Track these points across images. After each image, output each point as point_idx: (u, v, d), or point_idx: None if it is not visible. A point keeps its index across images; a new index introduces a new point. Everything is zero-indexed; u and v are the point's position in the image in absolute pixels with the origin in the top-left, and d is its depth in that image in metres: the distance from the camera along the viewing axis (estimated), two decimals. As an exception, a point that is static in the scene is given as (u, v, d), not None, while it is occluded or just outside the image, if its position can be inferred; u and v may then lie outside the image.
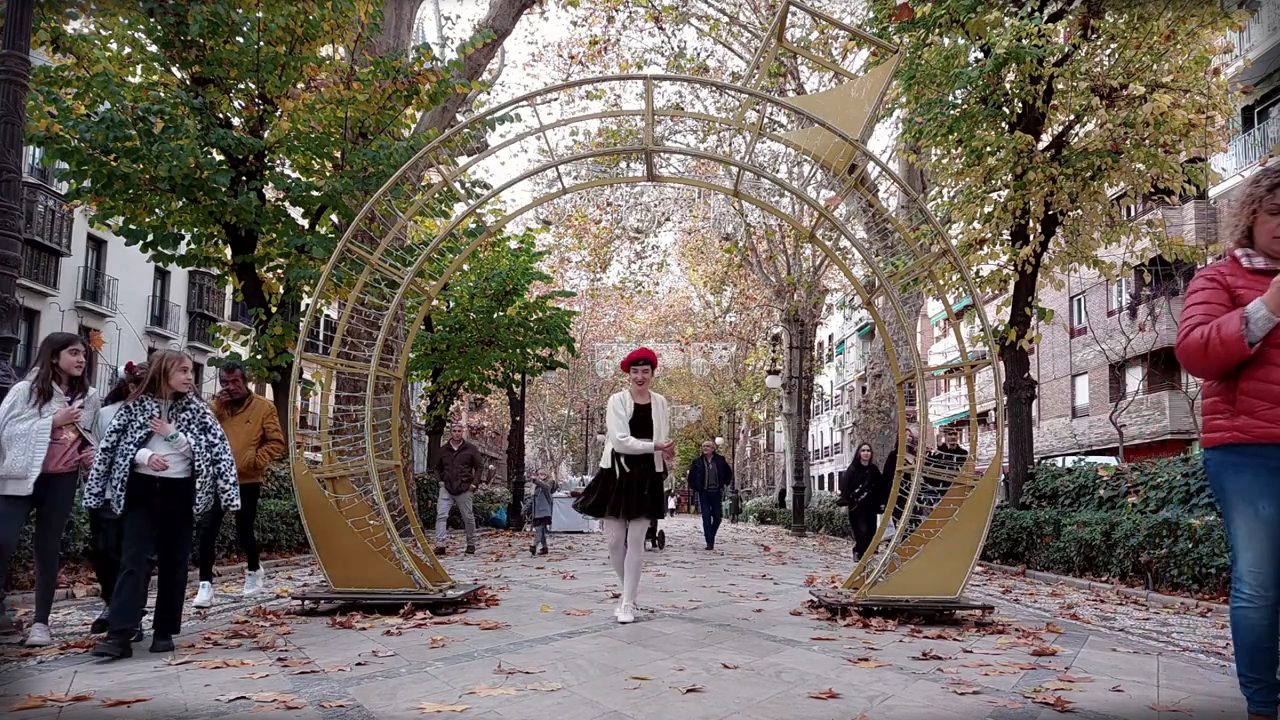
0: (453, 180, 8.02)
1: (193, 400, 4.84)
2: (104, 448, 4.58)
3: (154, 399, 4.72)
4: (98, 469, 4.56)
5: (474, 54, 14.15)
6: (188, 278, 33.15)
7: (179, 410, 4.77)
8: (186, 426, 4.74)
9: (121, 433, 4.60)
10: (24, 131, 5.82)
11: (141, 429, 4.63)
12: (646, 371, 6.02)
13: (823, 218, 7.19)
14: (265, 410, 6.92)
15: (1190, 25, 10.71)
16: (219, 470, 4.77)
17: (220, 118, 10.79)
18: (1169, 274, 22.30)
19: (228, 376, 6.89)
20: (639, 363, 6.05)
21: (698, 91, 22.86)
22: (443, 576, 6.83)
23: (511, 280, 18.73)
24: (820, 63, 11.79)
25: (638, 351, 6.16)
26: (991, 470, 6.17)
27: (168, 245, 10.78)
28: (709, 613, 6.47)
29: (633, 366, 6.06)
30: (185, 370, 4.79)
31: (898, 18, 11.52)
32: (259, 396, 6.99)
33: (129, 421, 4.63)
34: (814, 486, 41.39)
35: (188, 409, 4.79)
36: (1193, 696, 3.83)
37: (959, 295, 15.69)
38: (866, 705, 3.57)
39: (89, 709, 3.39)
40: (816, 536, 21.59)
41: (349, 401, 11.90)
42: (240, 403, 6.86)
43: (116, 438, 4.58)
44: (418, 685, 3.85)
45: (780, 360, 31.71)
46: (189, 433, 4.72)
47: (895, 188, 22.58)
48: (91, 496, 4.55)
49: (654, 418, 5.95)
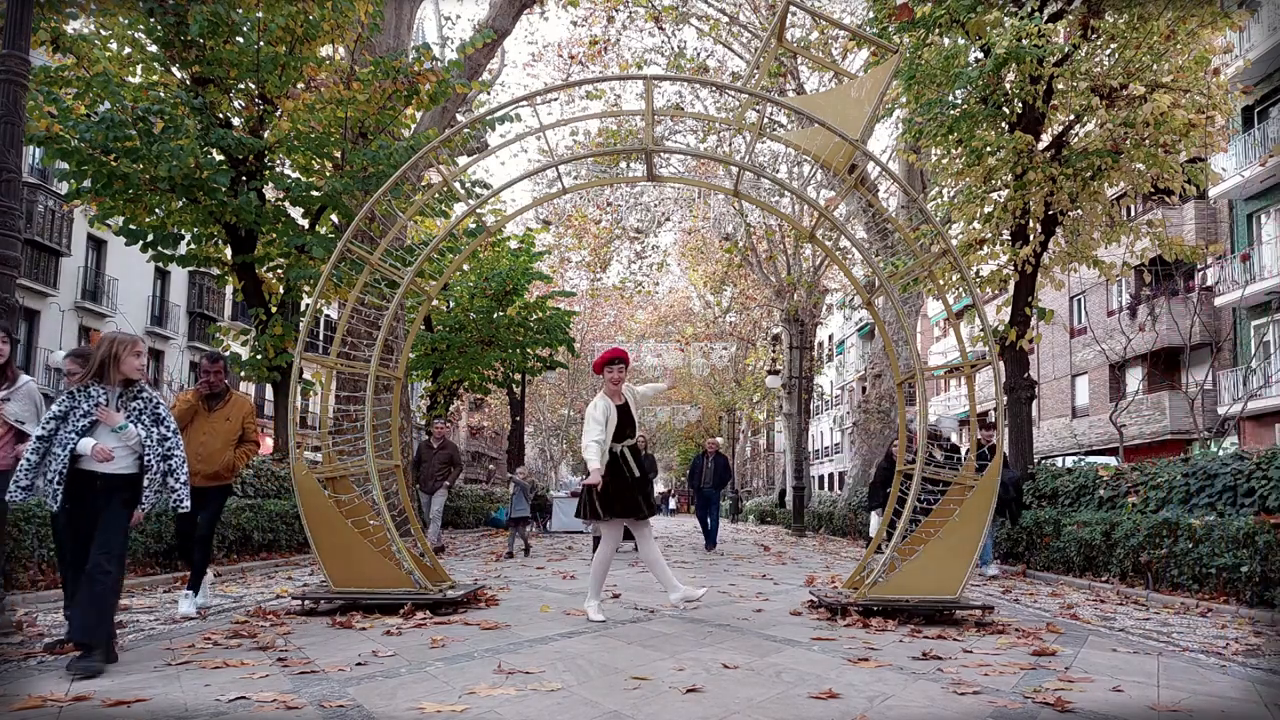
0: (453, 180, 8.02)
1: (145, 389, 4.38)
2: (39, 435, 4.14)
3: (101, 385, 4.24)
4: (29, 459, 4.11)
5: (474, 54, 14.15)
6: (188, 278, 33.17)
7: (129, 399, 4.31)
8: (137, 417, 4.27)
9: (62, 420, 4.15)
10: (24, 131, 5.82)
11: (85, 417, 4.16)
12: (622, 371, 6.04)
13: (823, 218, 7.18)
14: (246, 408, 6.43)
15: (1190, 25, 10.71)
16: (170, 468, 4.30)
17: (220, 118, 10.79)
18: (1169, 274, 22.30)
19: (209, 367, 6.30)
20: (613, 363, 6.03)
21: (698, 91, 22.86)
22: (443, 576, 6.83)
23: (511, 280, 18.74)
24: (820, 63, 11.79)
25: (610, 352, 6.13)
26: (991, 470, 6.17)
27: (168, 245, 10.78)
28: (709, 613, 6.47)
29: (607, 367, 6.04)
30: (139, 355, 4.34)
31: (898, 18, 11.52)
32: (238, 393, 6.50)
33: (71, 408, 4.17)
34: (814, 486, 41.40)
35: (139, 398, 4.33)
36: (1193, 696, 3.83)
37: (959, 295, 15.70)
38: (866, 705, 3.57)
39: (89, 709, 3.38)
40: (816, 536, 21.59)
41: (349, 401, 11.90)
42: (219, 398, 6.28)
43: (55, 425, 4.14)
44: (418, 685, 3.85)
45: (780, 360, 31.70)
46: (139, 424, 4.26)
47: (895, 188, 22.59)
48: (17, 490, 4.10)
49: (631, 411, 6.08)
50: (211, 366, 6.31)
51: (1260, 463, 7.65)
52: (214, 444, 6.09)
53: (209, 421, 6.16)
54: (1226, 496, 7.90)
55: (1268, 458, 7.60)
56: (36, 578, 6.59)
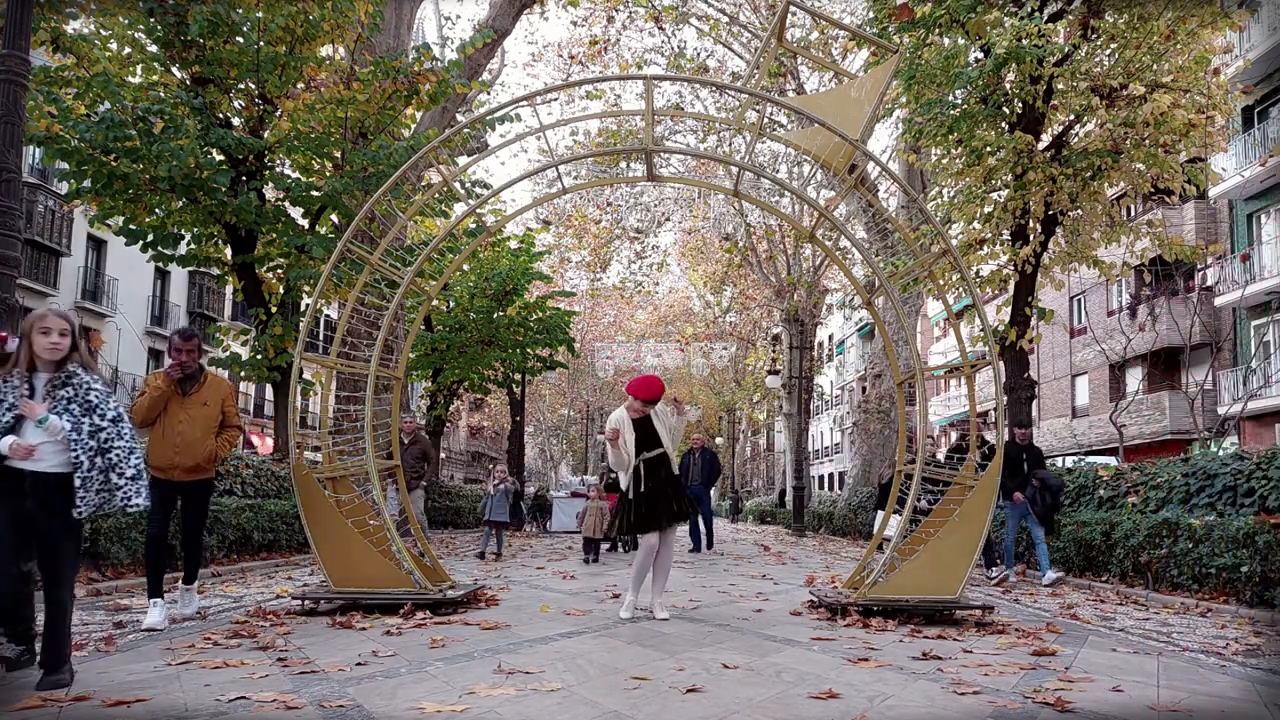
0: (453, 180, 8.02)
1: (76, 374, 3.82)
2: None
3: (23, 373, 3.76)
4: None
5: (474, 54, 14.16)
6: (188, 278, 33.17)
7: (57, 386, 3.77)
8: (65, 406, 3.73)
9: None
10: (24, 131, 5.81)
11: (9, 410, 3.68)
12: (642, 408, 6.13)
13: (823, 218, 7.18)
14: (225, 390, 5.73)
15: (1190, 25, 10.72)
16: (110, 462, 3.74)
17: (220, 118, 10.79)
18: (1169, 274, 22.31)
19: (182, 345, 5.49)
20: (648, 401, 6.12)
21: (698, 91, 22.86)
22: (443, 576, 6.83)
23: (511, 280, 18.75)
24: (820, 63, 11.80)
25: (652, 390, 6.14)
26: (992, 470, 6.18)
27: (168, 245, 10.79)
28: (709, 613, 6.47)
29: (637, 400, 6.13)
30: (46, 333, 3.73)
31: (898, 18, 11.52)
32: (214, 373, 5.83)
33: None
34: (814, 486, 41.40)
35: (68, 384, 3.78)
36: (1193, 696, 3.83)
37: (959, 295, 15.70)
38: (866, 705, 3.57)
39: (89, 709, 3.38)
40: (816, 536, 21.59)
41: (349, 401, 11.90)
42: (194, 380, 5.55)
43: None
44: (418, 685, 3.85)
45: (780, 360, 31.71)
46: (67, 415, 3.71)
47: (895, 188, 22.59)
48: None
49: (659, 429, 6.14)
50: (184, 344, 5.49)
51: (1260, 463, 7.65)
52: (193, 433, 5.43)
53: (185, 408, 5.45)
54: (1226, 496, 7.90)
55: (1268, 458, 7.60)
56: (36, 578, 6.58)
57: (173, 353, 5.50)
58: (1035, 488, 9.21)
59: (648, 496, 6.04)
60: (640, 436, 6.09)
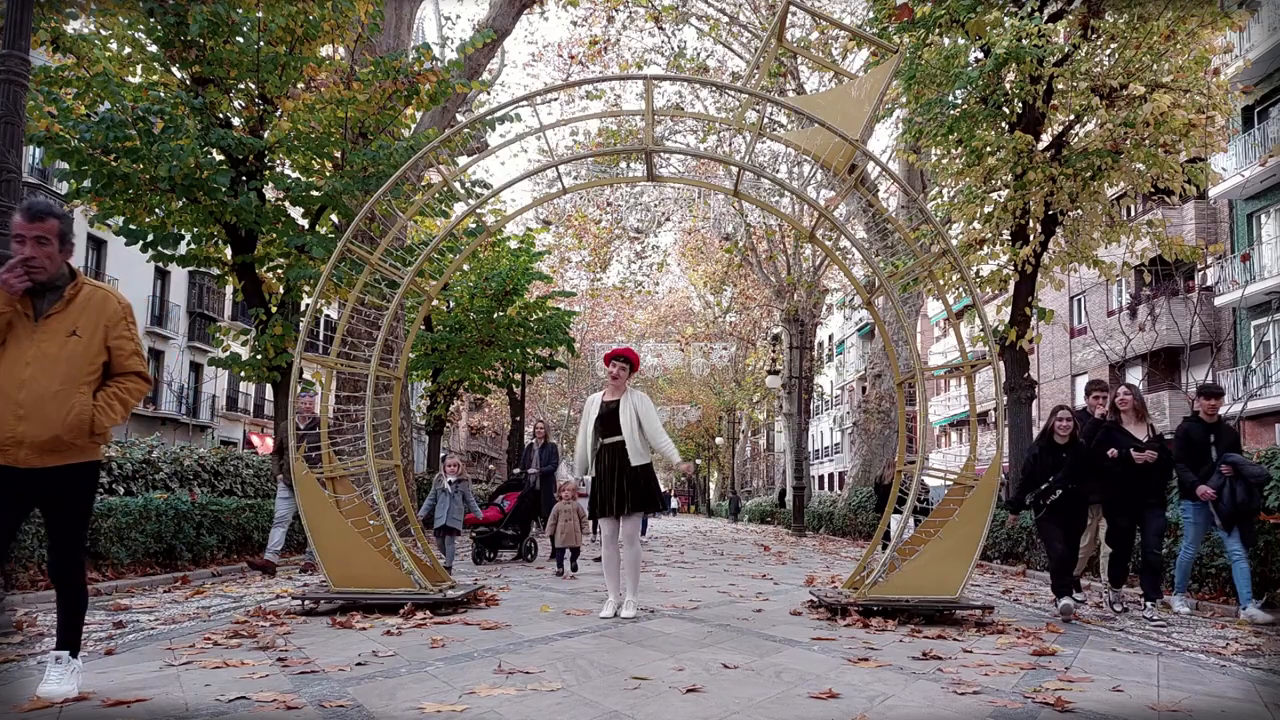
0: (453, 180, 8.02)
1: None
2: None
3: None
4: None
5: (474, 54, 14.16)
6: (188, 278, 33.18)
7: None
8: None
9: None
10: (24, 131, 5.81)
11: None
12: (620, 368, 6.24)
13: (823, 218, 7.18)
14: (110, 310, 3.50)
15: (1190, 25, 10.71)
16: None
17: (220, 118, 10.78)
18: (1169, 274, 22.29)
19: (25, 229, 3.30)
20: (615, 359, 6.29)
21: (698, 91, 22.86)
22: (443, 576, 6.83)
23: (511, 280, 18.74)
24: (820, 63, 11.80)
25: (618, 350, 6.39)
26: (991, 470, 6.18)
27: (168, 245, 10.77)
28: (709, 613, 6.47)
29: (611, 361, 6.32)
30: None
31: (898, 18, 11.52)
32: (99, 285, 3.57)
33: None
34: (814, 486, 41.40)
35: None
36: (1193, 696, 3.83)
37: (959, 295, 15.68)
38: (866, 705, 3.57)
39: (89, 709, 3.38)
40: (816, 536, 21.59)
41: (349, 401, 11.90)
42: (55, 292, 3.41)
43: None
44: (418, 685, 3.85)
45: (780, 360, 31.70)
46: None
47: (895, 188, 22.59)
48: None
49: (622, 416, 6.09)
50: (30, 226, 3.30)
51: (1260, 463, 7.64)
52: (46, 381, 3.32)
53: (36, 340, 3.35)
54: (1226, 496, 7.87)
55: (1268, 458, 7.59)
56: (37, 577, 6.58)
57: (14, 243, 3.33)
58: (1225, 477, 6.56)
59: (598, 483, 6.12)
60: (606, 417, 6.13)
